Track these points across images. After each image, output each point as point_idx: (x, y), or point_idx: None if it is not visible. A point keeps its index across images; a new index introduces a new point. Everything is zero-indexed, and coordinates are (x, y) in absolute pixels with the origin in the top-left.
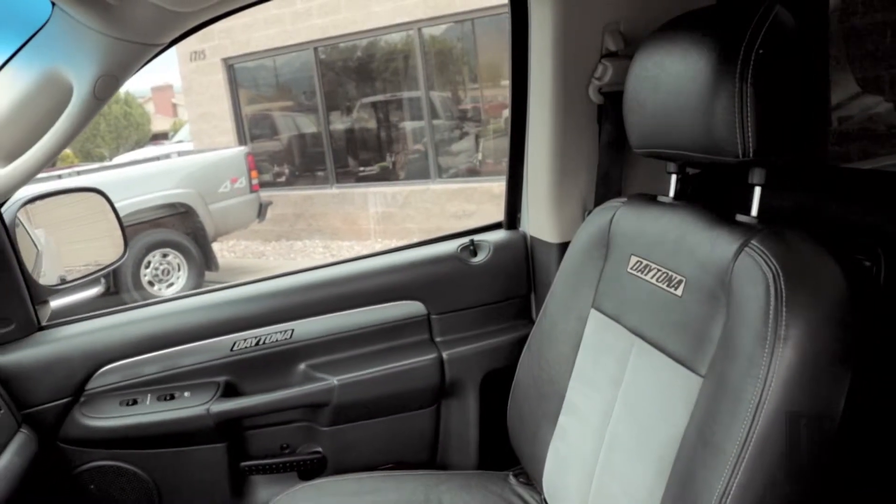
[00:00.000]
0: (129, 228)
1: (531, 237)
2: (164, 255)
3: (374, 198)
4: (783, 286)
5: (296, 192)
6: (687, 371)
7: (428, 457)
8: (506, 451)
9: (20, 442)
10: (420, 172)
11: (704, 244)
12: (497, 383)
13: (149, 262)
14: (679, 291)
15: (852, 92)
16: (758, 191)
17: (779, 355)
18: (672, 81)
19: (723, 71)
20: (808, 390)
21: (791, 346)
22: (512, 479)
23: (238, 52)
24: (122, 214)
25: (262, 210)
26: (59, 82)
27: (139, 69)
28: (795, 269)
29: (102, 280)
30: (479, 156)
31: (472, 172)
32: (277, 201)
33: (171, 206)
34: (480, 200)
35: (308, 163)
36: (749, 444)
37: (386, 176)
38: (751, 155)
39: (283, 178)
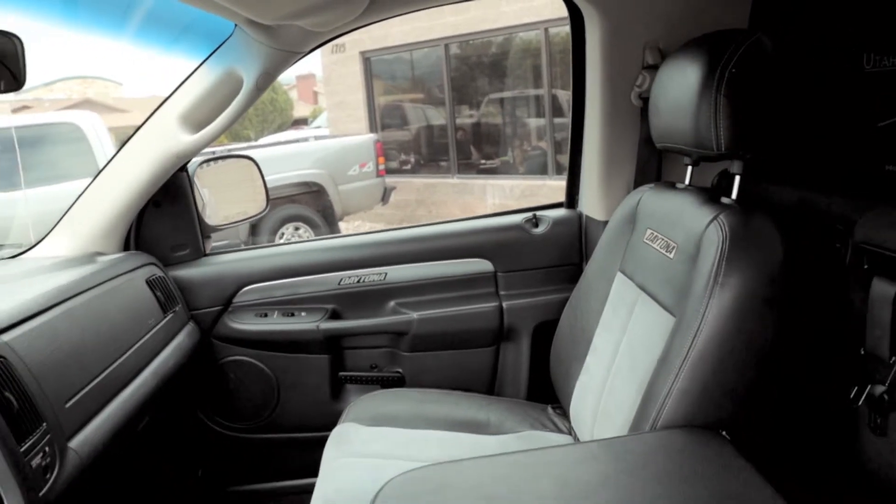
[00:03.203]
0: None
1: (585, 215)
2: (297, 229)
3: (493, 189)
4: (727, 246)
5: (419, 179)
6: (668, 314)
7: (486, 387)
8: (550, 389)
9: (189, 331)
10: (539, 168)
11: (692, 218)
12: (547, 333)
13: (282, 234)
14: (672, 255)
15: None
16: (737, 179)
17: (716, 295)
18: (675, 92)
19: (705, 84)
20: (736, 323)
21: (726, 290)
22: (550, 410)
23: (374, 47)
24: None
25: (386, 194)
26: (234, 77)
27: (288, 68)
28: (741, 235)
29: (242, 246)
30: None
31: None
32: (401, 187)
33: (306, 184)
34: None
35: (433, 153)
36: (688, 359)
37: (506, 170)
38: (722, 149)
39: (408, 166)
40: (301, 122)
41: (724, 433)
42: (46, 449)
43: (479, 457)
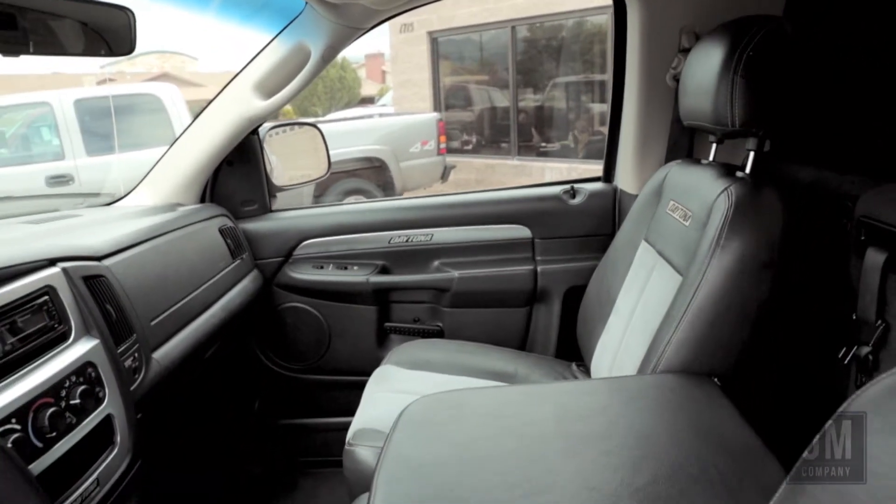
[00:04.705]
0: (330, 176)
1: (620, 189)
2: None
3: (551, 172)
4: (732, 213)
5: (479, 159)
6: (678, 275)
7: (518, 344)
8: (577, 348)
9: (253, 276)
10: (598, 153)
11: (708, 189)
12: (577, 297)
13: None
14: (687, 223)
15: None
16: (751, 154)
17: (717, 256)
18: (700, 73)
19: (725, 65)
20: (733, 282)
21: (727, 252)
22: (574, 367)
23: (442, 27)
24: None
25: (445, 172)
26: (302, 50)
27: (351, 42)
28: (745, 203)
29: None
30: None
31: None
32: (461, 166)
33: (368, 159)
34: None
35: (494, 134)
36: (687, 312)
37: (565, 153)
38: (737, 125)
39: (469, 146)
40: (368, 101)
41: (715, 380)
42: (136, 355)
43: (494, 386)
